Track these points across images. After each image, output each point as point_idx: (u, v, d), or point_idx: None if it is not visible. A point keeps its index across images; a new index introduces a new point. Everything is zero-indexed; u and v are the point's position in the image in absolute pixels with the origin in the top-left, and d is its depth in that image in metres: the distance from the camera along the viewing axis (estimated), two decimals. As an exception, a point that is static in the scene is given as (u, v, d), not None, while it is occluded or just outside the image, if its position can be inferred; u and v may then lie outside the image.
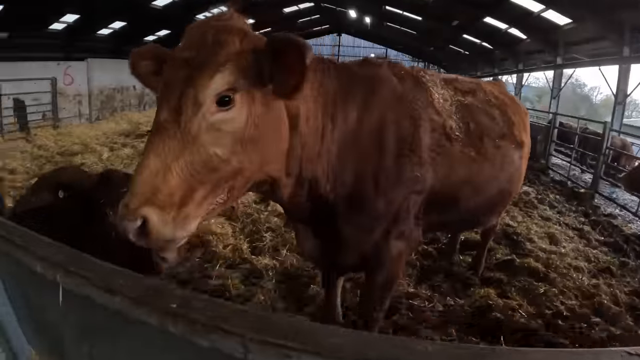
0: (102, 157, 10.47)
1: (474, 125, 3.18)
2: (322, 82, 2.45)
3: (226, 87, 1.80)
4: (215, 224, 5.97)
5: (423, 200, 2.88)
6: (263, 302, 4.24)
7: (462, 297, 4.59)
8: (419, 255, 5.43)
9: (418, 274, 5.04)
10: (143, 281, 1.05)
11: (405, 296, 4.44)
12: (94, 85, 17.64)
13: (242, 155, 1.90)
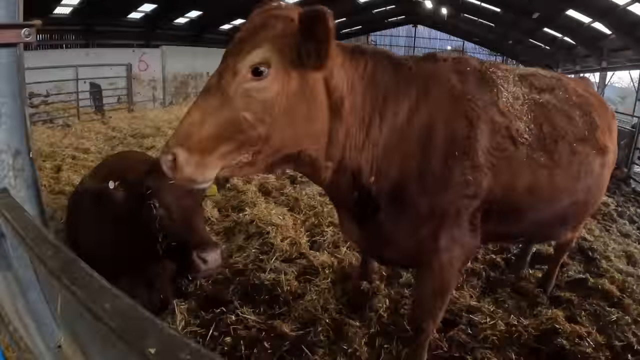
0: (173, 140, 10.70)
1: (548, 128, 2.90)
2: (374, 76, 2.49)
3: (259, 61, 2.03)
4: (276, 214, 5.91)
5: (480, 206, 2.75)
6: (315, 301, 4.12)
7: (527, 317, 4.21)
8: (486, 265, 5.09)
9: (482, 285, 4.71)
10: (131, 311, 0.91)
11: (466, 310, 4.15)
12: (168, 72, 18.34)
13: (269, 124, 2.08)
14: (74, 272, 1.08)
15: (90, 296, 0.96)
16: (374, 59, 2.53)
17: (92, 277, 1.05)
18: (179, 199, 2.90)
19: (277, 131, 2.12)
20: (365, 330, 3.81)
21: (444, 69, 2.74)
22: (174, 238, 2.91)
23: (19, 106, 1.64)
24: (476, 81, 2.77)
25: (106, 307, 0.91)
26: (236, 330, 3.71)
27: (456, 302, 4.17)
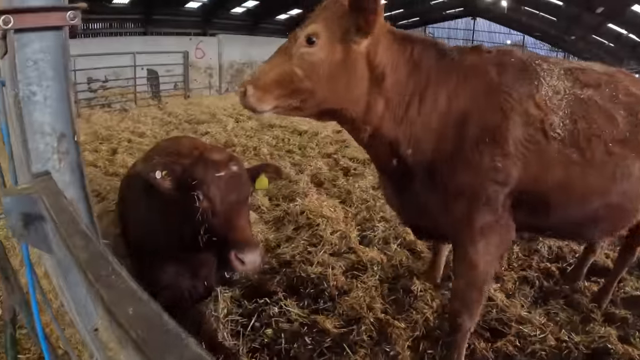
0: (227, 127, 10.88)
1: (583, 124, 2.86)
2: (419, 63, 2.86)
3: (311, 32, 2.64)
4: (327, 206, 5.87)
5: (510, 194, 2.90)
6: (361, 299, 4.04)
7: (578, 333, 3.96)
8: (540, 273, 4.85)
9: (535, 295, 4.46)
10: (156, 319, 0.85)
11: (516, 320, 3.95)
12: (224, 60, 18.72)
13: (314, 81, 2.66)
14: (101, 268, 1.04)
15: (113, 297, 0.92)
16: (422, 47, 2.90)
17: (119, 275, 1.01)
18: (224, 194, 2.89)
19: (320, 88, 2.69)
20: (410, 333, 3.73)
21: (485, 61, 2.94)
22: (214, 233, 2.91)
23: (65, 89, 1.65)
24: (516, 73, 2.90)
25: (129, 312, 0.86)
26: (278, 323, 3.72)
27: (506, 311, 4.00)
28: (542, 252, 5.28)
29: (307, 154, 8.87)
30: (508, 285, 4.49)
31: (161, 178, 2.92)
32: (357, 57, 2.70)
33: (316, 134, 10.33)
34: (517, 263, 4.97)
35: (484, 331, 3.79)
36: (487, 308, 3.98)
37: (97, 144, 9.64)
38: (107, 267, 1.05)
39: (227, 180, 2.92)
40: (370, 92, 2.78)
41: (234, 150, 8.85)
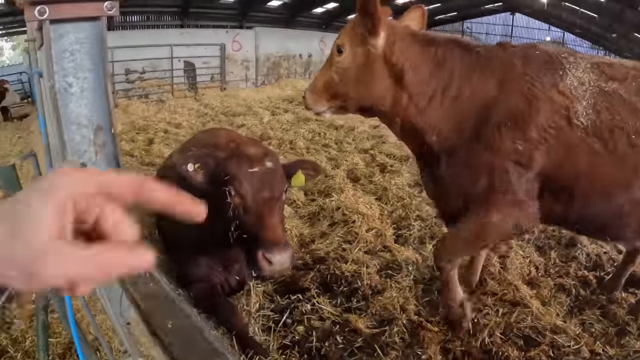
0: (263, 120, 10.93)
1: (606, 115, 2.90)
2: (443, 61, 3.13)
3: (339, 44, 3.16)
4: (363, 203, 5.82)
5: (534, 179, 3.05)
6: (394, 299, 3.98)
7: (613, 346, 3.80)
8: (576, 281, 4.68)
9: (571, 303, 4.28)
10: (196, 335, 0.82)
11: (551, 329, 3.80)
12: (260, 53, 18.85)
13: (347, 84, 3.18)
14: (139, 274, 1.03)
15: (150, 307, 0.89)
16: (446, 46, 3.17)
17: (157, 282, 0.99)
18: (257, 190, 2.88)
19: (352, 89, 3.19)
20: (442, 337, 3.65)
21: (510, 54, 3.13)
22: (245, 230, 2.90)
23: (102, 81, 1.66)
24: (540, 64, 3.04)
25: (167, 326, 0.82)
26: (310, 320, 3.69)
27: (541, 319, 3.87)
28: (580, 259, 5.10)
29: (343, 149, 8.83)
30: (544, 292, 4.34)
31: (193, 171, 2.93)
32: (375, 58, 3.10)
33: (353, 129, 10.28)
34: (554, 270, 4.81)
35: (518, 339, 3.67)
36: (521, 315, 3.87)
37: (134, 134, 9.83)
38: (145, 273, 1.02)
39: (261, 177, 2.91)
40: (393, 88, 3.15)
41: (270, 144, 8.88)
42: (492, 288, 4.24)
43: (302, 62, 21.50)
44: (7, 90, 14.10)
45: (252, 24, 21.26)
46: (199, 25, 21.34)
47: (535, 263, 4.81)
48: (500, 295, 4.12)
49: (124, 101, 13.33)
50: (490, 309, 3.94)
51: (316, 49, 22.12)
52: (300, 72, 21.41)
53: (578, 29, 34.26)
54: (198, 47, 15.81)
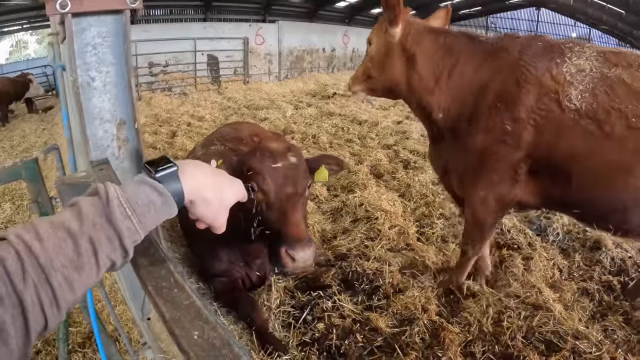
0: (286, 114, 10.92)
1: (604, 97, 3.00)
2: (451, 48, 3.56)
3: (369, 38, 3.82)
4: (386, 199, 5.79)
5: (524, 159, 3.30)
6: (416, 299, 3.94)
7: (635, 354, 3.69)
8: (600, 286, 4.57)
9: (593, 308, 4.18)
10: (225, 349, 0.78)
11: (573, 334, 3.69)
12: (284, 46, 18.89)
13: (375, 69, 3.79)
14: (162, 278, 0.99)
15: (175, 315, 0.86)
16: (454, 36, 3.64)
17: (182, 289, 0.95)
18: (280, 186, 2.86)
19: (377, 73, 3.79)
20: (463, 338, 3.60)
21: (512, 42, 3.39)
22: (268, 226, 2.88)
23: (125, 75, 1.65)
24: (538, 52, 3.24)
25: (193, 337, 0.79)
26: (330, 318, 3.66)
27: (563, 324, 3.79)
28: (605, 263, 4.97)
29: (366, 144, 8.78)
30: (567, 296, 4.25)
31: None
32: (393, 47, 3.65)
33: (376, 124, 10.22)
34: (578, 273, 4.71)
35: (539, 343, 3.60)
36: (544, 319, 3.79)
37: (157, 127, 9.91)
38: (169, 277, 0.99)
39: (284, 172, 2.88)
40: (408, 71, 3.65)
41: (293, 138, 8.88)
42: (515, 290, 4.16)
43: (325, 56, 21.45)
44: (31, 82, 14.30)
45: (275, 18, 21.30)
46: (222, 19, 21.47)
47: (559, 266, 4.72)
48: (523, 297, 4.04)
49: (147, 94, 13.46)
50: (513, 312, 3.87)
51: (339, 43, 22.07)
52: (323, 66, 21.37)
53: (604, 25, 33.52)
54: (221, 41, 15.90)
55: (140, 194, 1.04)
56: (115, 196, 0.99)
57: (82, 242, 0.91)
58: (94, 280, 0.95)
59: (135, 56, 13.24)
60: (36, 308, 0.83)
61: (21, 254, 0.84)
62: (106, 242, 0.94)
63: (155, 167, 1.11)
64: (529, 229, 5.45)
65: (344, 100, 13.09)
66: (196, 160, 1.29)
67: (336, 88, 14.89)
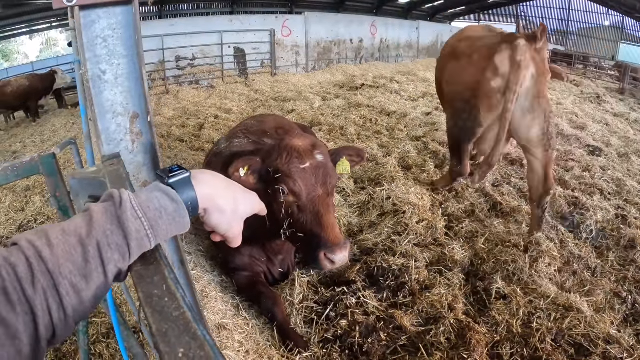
0: (314, 105, 10.89)
1: None
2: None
3: None
4: (414, 193, 5.70)
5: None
6: (443, 297, 3.86)
7: None
8: (634, 286, 4.40)
9: (626, 311, 4.04)
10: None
11: (604, 338, 3.56)
12: (311, 38, 18.84)
13: None
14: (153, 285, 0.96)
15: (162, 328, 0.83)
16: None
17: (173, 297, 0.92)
18: (311, 187, 2.82)
19: None
20: (491, 339, 3.50)
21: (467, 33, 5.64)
22: (300, 229, 2.85)
23: (137, 67, 1.63)
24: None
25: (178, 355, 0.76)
26: (354, 314, 3.60)
27: (594, 327, 3.65)
28: (639, 262, 4.84)
29: (395, 136, 8.68)
30: (599, 298, 4.11)
31: (245, 176, 2.88)
32: None
33: (405, 115, 10.09)
34: (612, 273, 4.56)
35: (569, 347, 3.47)
36: (574, 321, 3.66)
37: (185, 120, 10.00)
38: (161, 284, 0.96)
39: (313, 172, 2.84)
40: None
41: (321, 129, 8.83)
42: (546, 289, 4.05)
43: (353, 47, 21.27)
44: (55, 73, 14.65)
45: (301, 10, 21.26)
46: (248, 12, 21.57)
47: (592, 265, 4.58)
48: (553, 298, 3.93)
49: (175, 87, 13.59)
50: (543, 313, 3.77)
51: (367, 34, 21.85)
52: (351, 57, 21.21)
53: (638, 13, 32.48)
54: (247, 34, 15.95)
55: (153, 200, 1.04)
56: (128, 199, 1.00)
57: (90, 249, 0.91)
58: (102, 290, 0.94)
59: (162, 50, 13.37)
60: (46, 315, 0.84)
61: (31, 259, 0.84)
62: (114, 248, 0.95)
63: (167, 174, 1.13)
64: (562, 225, 5.31)
65: (372, 91, 12.97)
66: (211, 170, 1.30)
67: (364, 79, 14.78)
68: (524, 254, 4.49)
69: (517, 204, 5.81)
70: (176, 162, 6.49)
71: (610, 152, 8.42)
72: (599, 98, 15.30)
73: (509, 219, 5.46)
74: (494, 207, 5.80)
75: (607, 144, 8.98)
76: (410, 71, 17.26)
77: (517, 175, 6.87)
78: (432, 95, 11.89)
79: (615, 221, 5.56)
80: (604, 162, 7.78)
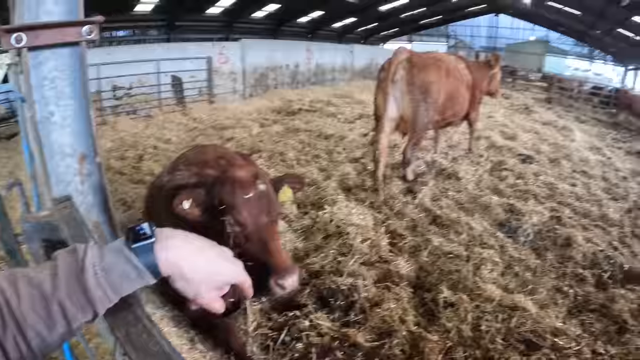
0: (252, 132, 10.81)
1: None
2: None
3: None
4: (357, 213, 5.72)
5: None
6: (393, 311, 3.89)
7: (614, 344, 3.81)
8: (574, 280, 4.64)
9: (569, 304, 4.30)
10: None
11: (551, 332, 3.77)
12: (247, 64, 18.71)
13: None
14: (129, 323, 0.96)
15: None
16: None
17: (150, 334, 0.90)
18: (255, 218, 2.78)
19: None
20: (442, 345, 3.59)
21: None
22: (250, 258, 2.80)
23: (84, 108, 1.57)
24: None
25: None
26: (308, 337, 3.58)
27: (540, 322, 3.82)
28: (577, 258, 5.11)
29: (334, 159, 8.70)
30: (542, 295, 4.32)
31: (189, 208, 2.80)
32: None
33: (342, 138, 10.16)
34: (552, 271, 4.80)
35: (519, 344, 3.64)
36: (521, 319, 3.84)
37: (123, 151, 9.68)
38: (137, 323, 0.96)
39: (257, 202, 2.81)
40: None
41: (260, 156, 8.76)
42: (490, 293, 4.17)
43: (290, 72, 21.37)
44: (-15, 102, 13.92)
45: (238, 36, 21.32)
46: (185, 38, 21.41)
47: (532, 266, 4.78)
48: (499, 300, 4.05)
49: (112, 118, 13.17)
50: (490, 315, 3.89)
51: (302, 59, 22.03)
52: (287, 82, 21.28)
53: (562, 26, 34.72)
54: (184, 61, 15.67)
55: (117, 265, 1.03)
56: (91, 264, 1.00)
57: (54, 307, 0.94)
58: (68, 336, 0.98)
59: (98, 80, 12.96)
60: (16, 352, 0.90)
61: (1, 305, 0.91)
62: (78, 308, 0.97)
63: (134, 236, 1.08)
64: (500, 232, 5.51)
65: (310, 115, 13.05)
66: (189, 234, 1.23)
67: (301, 103, 14.86)
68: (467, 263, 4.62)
69: (456, 216, 5.97)
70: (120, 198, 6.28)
71: (541, 158, 8.91)
72: (528, 109, 16.16)
73: (449, 231, 5.59)
74: (434, 221, 5.93)
75: (538, 151, 9.48)
76: (346, 94, 17.41)
77: (453, 188, 7.06)
78: (369, 116, 12.08)
79: (551, 222, 5.86)
80: (536, 169, 8.23)
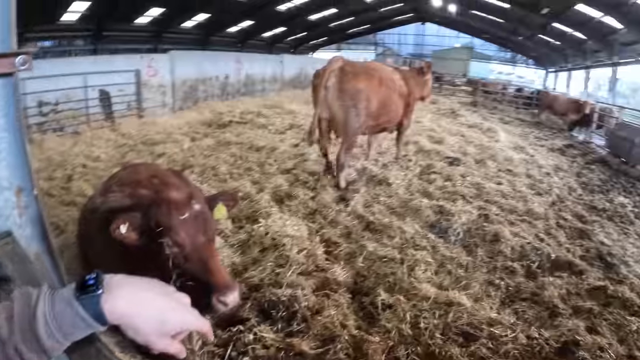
0: (184, 147, 10.63)
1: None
2: None
3: None
4: (291, 225, 5.77)
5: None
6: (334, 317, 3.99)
7: (547, 328, 4.10)
8: (503, 274, 4.94)
9: (502, 295, 4.59)
10: None
11: (487, 322, 4.02)
12: (177, 77, 18.26)
13: None
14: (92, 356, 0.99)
15: None
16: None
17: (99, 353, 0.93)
18: (192, 237, 2.78)
19: None
20: (384, 345, 3.72)
21: None
22: (190, 278, 2.80)
23: (19, 140, 1.55)
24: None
25: None
26: (254, 350, 3.61)
27: (476, 315, 4.05)
28: (506, 252, 5.42)
29: (266, 171, 8.67)
30: (475, 290, 4.56)
31: (127, 232, 2.76)
32: None
33: (274, 150, 10.16)
34: (483, 266, 5.06)
35: (457, 337, 3.84)
36: (457, 314, 4.05)
37: (51, 171, 9.25)
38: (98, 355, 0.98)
39: (193, 221, 2.81)
40: None
41: (192, 171, 8.63)
42: (426, 292, 4.35)
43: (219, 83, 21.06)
44: None
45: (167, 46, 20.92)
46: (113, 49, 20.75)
47: (464, 263, 5.02)
48: (435, 298, 4.25)
49: (38, 136, 12.50)
50: (427, 312, 4.08)
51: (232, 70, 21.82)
52: (217, 94, 20.99)
53: (486, 33, 36.37)
54: (112, 75, 15.08)
55: (66, 314, 1.06)
56: (42, 314, 1.03)
57: (10, 350, 0.98)
58: None
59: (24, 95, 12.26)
60: None
61: None
62: (33, 352, 1.00)
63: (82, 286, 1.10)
64: (431, 233, 5.73)
65: (240, 127, 12.98)
66: (142, 281, 1.25)
67: (232, 115, 14.74)
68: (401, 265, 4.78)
69: (388, 220, 6.16)
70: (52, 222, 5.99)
71: (467, 160, 9.31)
72: (454, 112, 16.77)
73: (382, 236, 5.76)
74: (367, 227, 6.08)
75: (465, 153, 9.90)
76: (276, 104, 17.35)
77: (385, 194, 7.26)
78: (299, 126, 12.16)
79: (479, 220, 6.19)
80: (463, 170, 8.62)
